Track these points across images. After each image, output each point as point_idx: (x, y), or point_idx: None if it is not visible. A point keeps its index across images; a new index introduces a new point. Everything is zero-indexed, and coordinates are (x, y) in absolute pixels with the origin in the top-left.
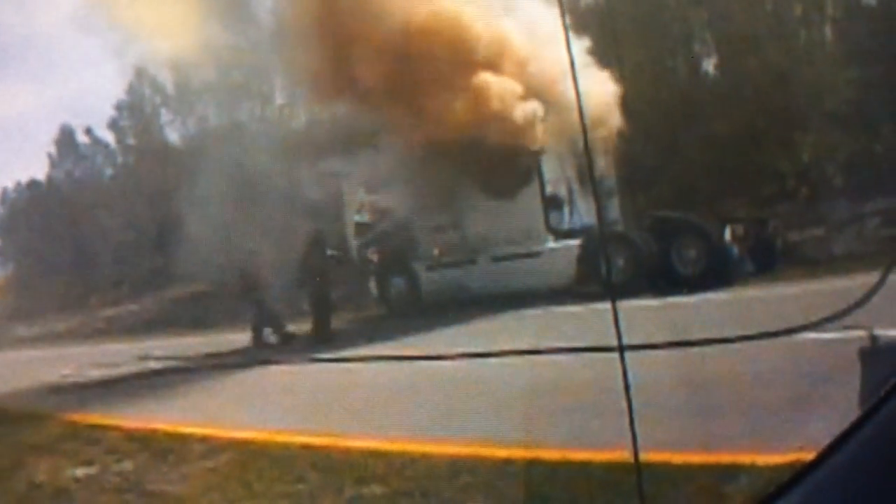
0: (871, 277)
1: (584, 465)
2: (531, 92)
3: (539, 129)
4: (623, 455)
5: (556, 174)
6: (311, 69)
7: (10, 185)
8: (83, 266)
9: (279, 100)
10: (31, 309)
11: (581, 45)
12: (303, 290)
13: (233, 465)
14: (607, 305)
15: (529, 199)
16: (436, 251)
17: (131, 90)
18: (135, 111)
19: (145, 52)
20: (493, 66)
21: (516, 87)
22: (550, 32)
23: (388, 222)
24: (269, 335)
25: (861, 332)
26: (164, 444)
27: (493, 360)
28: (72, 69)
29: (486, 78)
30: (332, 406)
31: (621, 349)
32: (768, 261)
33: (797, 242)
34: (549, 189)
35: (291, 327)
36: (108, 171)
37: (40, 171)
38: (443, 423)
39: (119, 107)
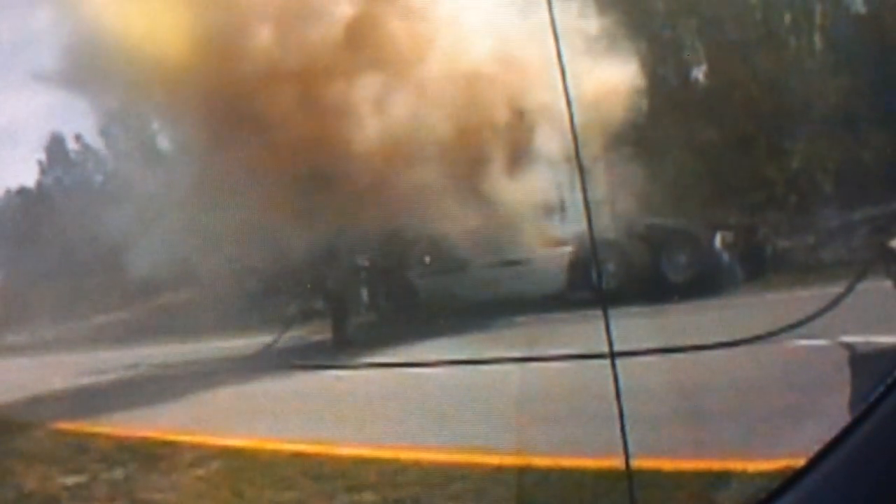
0: (862, 284)
1: (576, 472)
2: (521, 98)
3: (529, 136)
4: (614, 462)
5: (546, 181)
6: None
7: None
8: (73, 273)
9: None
10: (21, 316)
11: (571, 51)
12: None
13: (223, 473)
14: (598, 312)
15: (520, 207)
16: (427, 258)
17: (122, 96)
18: (125, 117)
19: (136, 58)
20: (483, 71)
21: (507, 93)
22: (540, 38)
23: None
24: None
25: (851, 339)
26: (154, 451)
27: (484, 368)
28: (62, 74)
29: (473, 85)
30: (323, 413)
31: (612, 356)
32: (758, 267)
33: (787, 249)
34: (539, 196)
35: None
36: (99, 178)
37: (30, 178)
38: (434, 430)
39: (109, 113)
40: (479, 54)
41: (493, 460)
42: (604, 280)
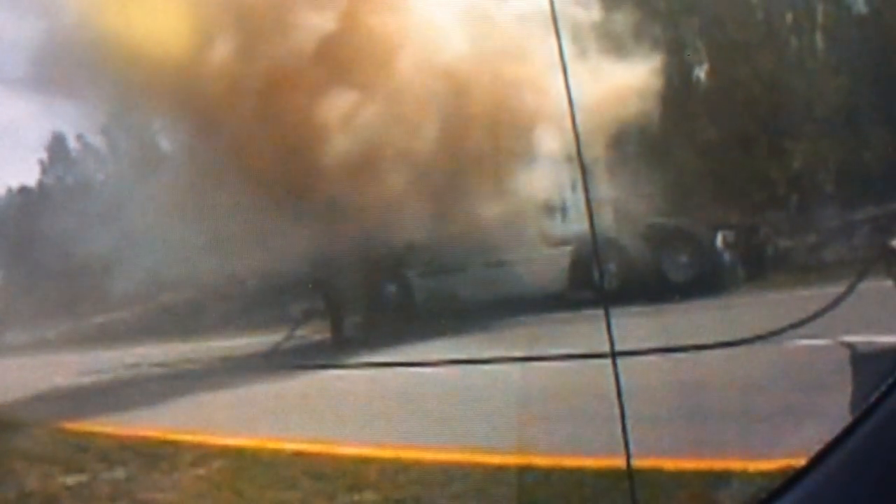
0: (863, 283)
1: (577, 472)
2: (524, 97)
3: (531, 136)
4: (615, 461)
5: (548, 181)
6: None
7: (0, 191)
8: (74, 273)
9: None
10: (22, 316)
11: (572, 49)
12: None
13: (224, 473)
14: (600, 312)
15: (522, 206)
16: (428, 258)
17: (124, 98)
18: (127, 118)
19: (138, 59)
20: (486, 71)
21: (509, 93)
22: (543, 38)
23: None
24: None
25: (852, 339)
26: (155, 451)
27: (485, 367)
28: (63, 75)
29: (476, 84)
30: (324, 413)
31: (613, 355)
32: (759, 267)
33: (788, 249)
34: (541, 195)
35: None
36: (100, 178)
37: (31, 178)
38: (435, 429)
39: (111, 113)
40: (483, 55)
41: (495, 460)
42: (605, 280)
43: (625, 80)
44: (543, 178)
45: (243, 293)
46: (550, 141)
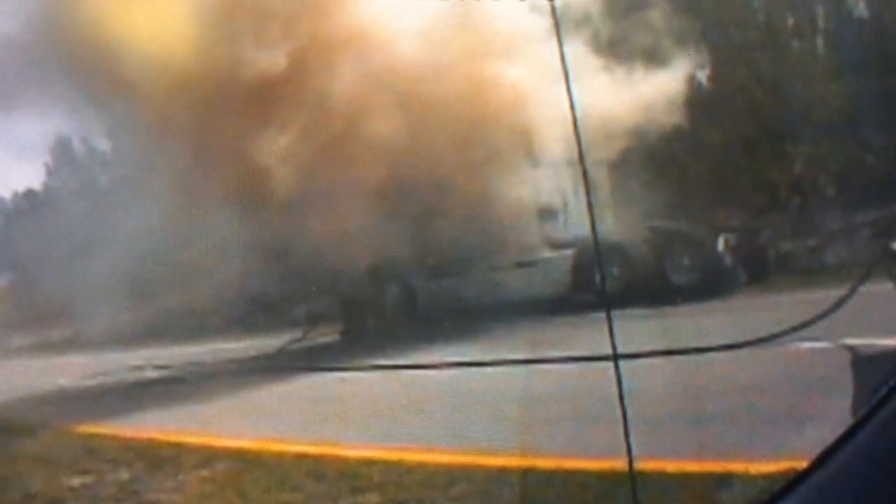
0: (865, 286)
1: (579, 474)
2: (526, 101)
3: (534, 139)
4: (618, 463)
5: (550, 184)
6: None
7: (6, 194)
8: (79, 275)
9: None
10: (27, 318)
11: (575, 53)
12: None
13: (229, 474)
14: (602, 315)
15: (524, 209)
16: (431, 261)
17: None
18: (132, 120)
19: (142, 61)
20: (490, 74)
21: (511, 96)
22: (545, 40)
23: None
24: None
25: (854, 342)
26: (160, 452)
27: (488, 370)
28: (67, 77)
29: (479, 87)
30: (327, 415)
31: (616, 358)
32: (761, 270)
33: (790, 252)
34: (543, 199)
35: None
36: (105, 181)
37: (36, 181)
38: (438, 432)
39: (117, 116)
40: (487, 57)
41: (497, 462)
42: (607, 283)
43: (627, 84)
44: (546, 182)
45: (248, 296)
46: (553, 144)
